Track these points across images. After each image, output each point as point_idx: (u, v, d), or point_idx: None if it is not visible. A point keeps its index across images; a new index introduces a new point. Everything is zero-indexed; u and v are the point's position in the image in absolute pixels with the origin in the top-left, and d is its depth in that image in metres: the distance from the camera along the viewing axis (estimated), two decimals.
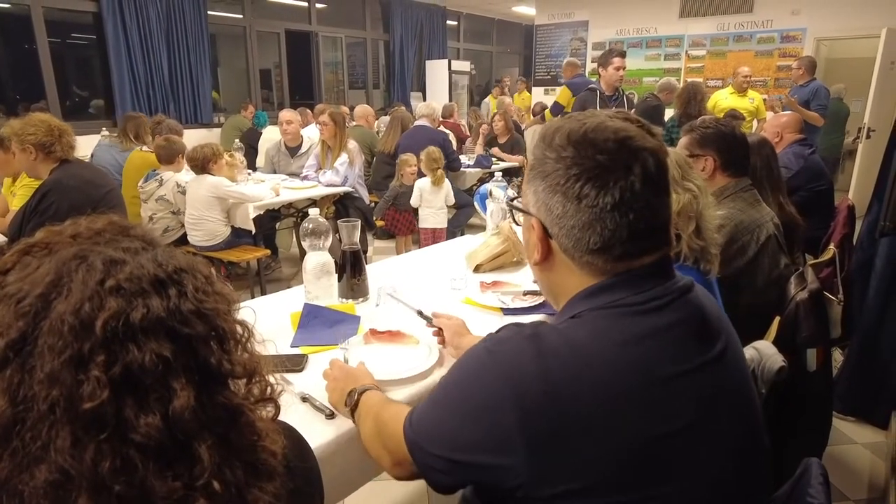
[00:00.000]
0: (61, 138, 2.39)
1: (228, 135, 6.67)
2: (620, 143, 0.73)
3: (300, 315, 1.54)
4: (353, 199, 4.01)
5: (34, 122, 2.36)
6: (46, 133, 2.35)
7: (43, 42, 5.91)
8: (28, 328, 0.48)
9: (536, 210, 0.79)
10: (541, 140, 0.79)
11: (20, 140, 2.35)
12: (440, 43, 10.18)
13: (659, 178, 0.74)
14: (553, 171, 0.75)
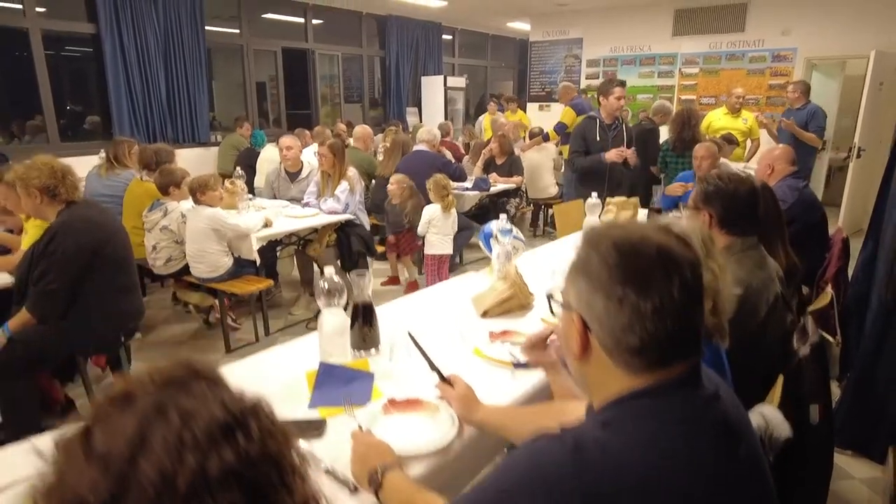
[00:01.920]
0: (65, 180, 2.40)
1: (226, 154, 6.68)
2: (662, 253, 0.79)
3: (316, 374, 1.57)
4: (354, 227, 4.04)
5: (37, 166, 2.38)
6: (50, 176, 2.36)
7: (41, 61, 5.92)
8: (117, 489, 0.52)
9: (578, 305, 0.84)
10: (587, 243, 0.84)
11: (24, 185, 2.36)
12: (435, 59, 10.25)
13: (695, 287, 0.80)
14: (597, 272, 0.80)
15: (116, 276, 2.54)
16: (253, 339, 3.71)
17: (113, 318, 2.59)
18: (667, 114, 5.44)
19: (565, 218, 4.06)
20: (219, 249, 3.40)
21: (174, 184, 3.56)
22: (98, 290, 2.46)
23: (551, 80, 9.34)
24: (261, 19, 8.02)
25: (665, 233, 0.82)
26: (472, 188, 5.14)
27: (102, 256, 2.44)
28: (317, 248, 3.91)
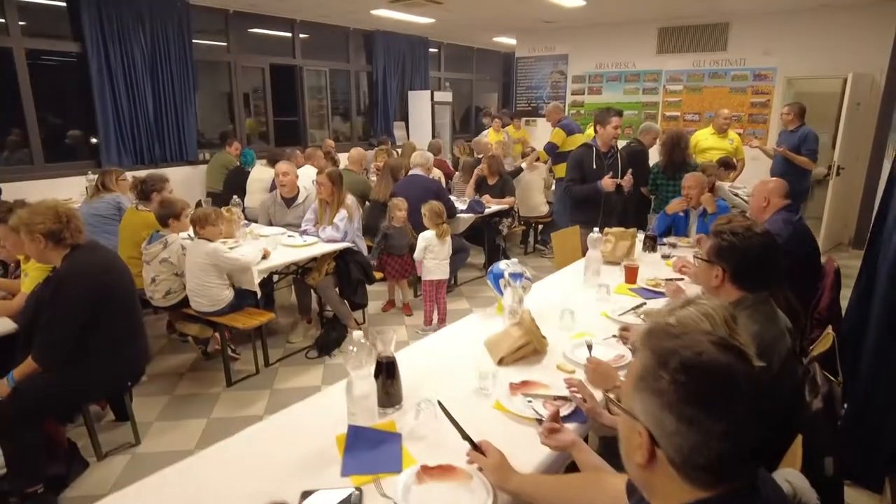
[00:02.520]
0: (69, 224, 2.38)
1: (215, 173, 6.62)
2: (732, 377, 0.83)
3: (345, 438, 1.58)
4: (353, 254, 4.04)
5: (41, 211, 2.35)
6: (54, 221, 2.34)
7: (25, 82, 5.82)
8: None
9: (645, 419, 0.87)
10: (654, 357, 0.87)
11: (28, 230, 2.33)
12: (422, 73, 10.28)
13: (760, 404, 0.84)
14: (667, 391, 0.84)
15: (122, 321, 2.52)
16: (253, 371, 3.69)
17: (119, 363, 2.57)
18: (653, 134, 5.52)
19: (562, 243, 4.11)
20: (219, 283, 3.38)
21: (174, 216, 3.53)
22: (104, 336, 2.43)
23: (537, 96, 9.44)
24: (248, 34, 7.97)
25: (728, 350, 0.86)
26: (467, 210, 5.18)
27: (108, 302, 2.42)
28: (316, 277, 3.90)
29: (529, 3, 7.00)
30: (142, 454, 2.87)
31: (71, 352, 2.36)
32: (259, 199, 5.91)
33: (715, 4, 6.94)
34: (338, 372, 3.71)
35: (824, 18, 6.84)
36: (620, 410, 0.94)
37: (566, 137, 6.17)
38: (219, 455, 1.60)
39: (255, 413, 3.22)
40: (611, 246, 3.43)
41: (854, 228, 6.94)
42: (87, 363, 2.41)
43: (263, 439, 1.66)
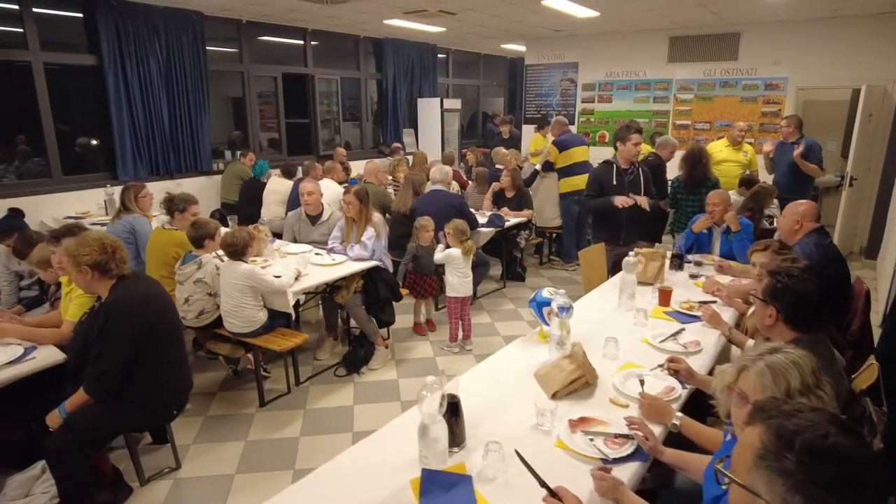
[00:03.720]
0: (114, 255, 2.40)
1: (229, 183, 6.64)
2: (857, 463, 0.87)
3: (419, 482, 1.61)
4: (380, 272, 4.06)
5: (87, 242, 2.37)
6: (100, 252, 2.36)
7: (43, 95, 5.82)
8: None
9: (771, 499, 0.91)
10: (775, 437, 0.91)
11: (76, 262, 2.35)
12: (431, 80, 10.30)
13: (881, 487, 0.88)
14: (794, 472, 0.88)
15: (167, 351, 2.55)
16: (284, 390, 3.72)
17: (165, 393, 2.59)
18: (671, 148, 5.56)
19: (589, 261, 4.13)
20: (254, 304, 3.40)
21: (209, 236, 3.55)
22: (151, 367, 2.46)
23: (547, 103, 9.46)
24: (259, 42, 7.98)
25: (848, 433, 0.89)
26: (487, 225, 5.20)
27: (155, 334, 2.44)
28: (344, 295, 3.93)
29: (541, 12, 7.02)
30: (184, 479, 2.89)
31: (121, 383, 2.38)
32: (275, 211, 5.96)
33: (726, 14, 6.98)
34: (367, 391, 3.74)
35: (836, 28, 6.87)
36: (739, 486, 0.97)
37: (559, 154, 6.12)
38: (293, 499, 1.63)
39: (291, 435, 3.24)
40: (641, 266, 3.46)
41: (866, 238, 6.99)
42: (135, 394, 2.43)
43: (334, 483, 1.69)
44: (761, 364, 1.31)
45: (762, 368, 1.31)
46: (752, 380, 1.32)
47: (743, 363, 1.38)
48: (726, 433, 1.62)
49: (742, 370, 1.37)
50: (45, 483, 2.45)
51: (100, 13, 5.96)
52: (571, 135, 6.48)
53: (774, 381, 1.28)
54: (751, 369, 1.34)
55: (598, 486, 1.57)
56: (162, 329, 2.50)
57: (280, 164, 6.78)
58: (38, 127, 5.90)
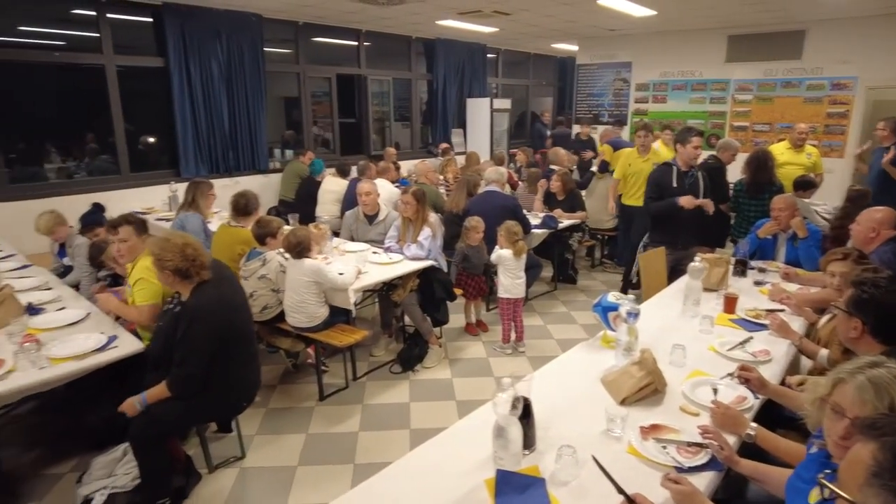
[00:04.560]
0: (194, 262, 2.51)
1: (288, 181, 6.82)
2: None
3: (494, 482, 1.63)
4: (435, 272, 4.11)
5: (170, 248, 2.48)
6: (182, 259, 2.47)
7: (115, 96, 6.12)
8: None
9: None
10: (891, 455, 0.88)
11: (160, 265, 2.49)
12: (481, 80, 10.31)
13: None
14: None
15: (241, 350, 2.65)
16: (343, 384, 3.80)
17: (237, 389, 2.70)
18: (733, 151, 5.40)
19: (649, 265, 4.07)
20: (317, 301, 3.50)
21: (271, 234, 3.67)
22: (226, 365, 2.57)
23: (598, 103, 9.35)
24: (313, 43, 8.14)
25: None
26: (540, 226, 5.18)
27: (232, 336, 2.56)
28: (401, 294, 3.99)
29: (596, 12, 6.95)
30: (249, 468, 3.00)
31: (202, 383, 2.50)
32: (330, 209, 6.09)
33: (790, 11, 6.74)
34: (423, 389, 3.79)
35: None
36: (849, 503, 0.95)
37: (613, 152, 6.16)
38: (368, 494, 1.67)
39: (350, 429, 3.32)
40: (704, 273, 3.39)
41: None
42: (211, 391, 2.54)
43: (408, 480, 1.72)
44: (862, 378, 1.28)
45: (863, 383, 1.27)
46: (851, 394, 1.29)
47: (839, 376, 1.34)
48: (811, 445, 1.58)
49: (838, 383, 1.34)
50: (126, 465, 2.58)
51: (167, 17, 6.21)
52: (619, 138, 6.58)
53: (877, 396, 1.24)
54: (849, 383, 1.30)
55: (675, 491, 1.55)
56: (238, 331, 2.61)
57: (333, 163, 6.92)
58: (109, 126, 6.21)
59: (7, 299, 2.92)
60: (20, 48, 5.78)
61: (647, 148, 5.52)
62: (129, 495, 2.52)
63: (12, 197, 5.52)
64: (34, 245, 4.77)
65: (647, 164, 5.24)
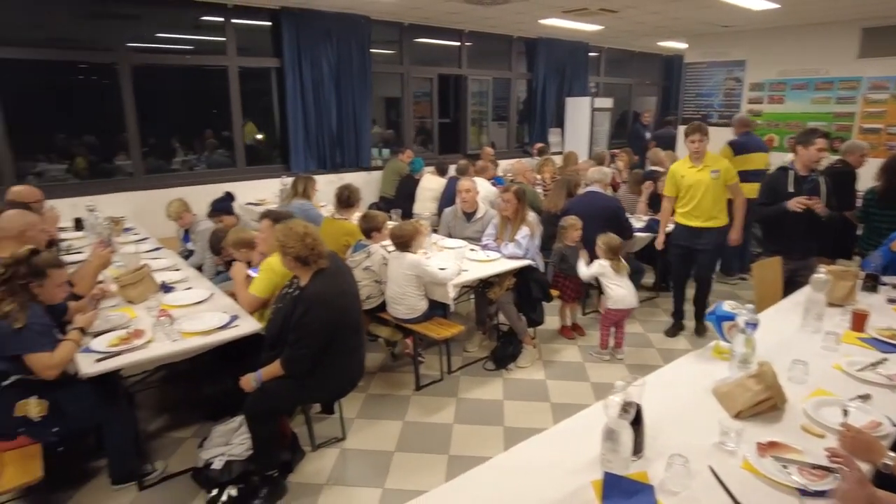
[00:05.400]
0: (314, 250, 2.67)
1: (389, 179, 7.04)
2: None
3: (601, 484, 1.61)
4: (532, 272, 4.09)
5: (292, 236, 2.65)
6: (303, 248, 2.63)
7: (236, 95, 6.60)
8: None
9: None
10: None
11: (283, 251, 2.66)
12: (581, 79, 10.11)
13: None
14: None
15: (351, 337, 2.79)
16: (437, 377, 3.89)
17: (344, 374, 2.85)
18: (861, 153, 4.93)
19: (763, 274, 3.82)
20: (417, 294, 3.60)
21: (376, 229, 3.83)
22: (336, 351, 2.71)
23: (707, 104, 8.87)
24: (416, 44, 8.33)
25: None
26: (644, 230, 5.01)
27: (344, 322, 2.69)
28: (497, 292, 4.01)
29: (710, 7, 6.59)
30: (349, 450, 3.14)
31: (312, 364, 2.65)
32: (427, 206, 6.22)
33: None
34: (516, 388, 3.79)
35: None
36: None
37: (734, 156, 5.63)
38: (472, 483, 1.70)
39: (445, 421, 3.39)
40: (828, 285, 3.13)
41: None
42: (320, 374, 2.70)
43: (513, 475, 1.74)
44: None
45: None
46: None
47: None
48: None
49: None
50: (241, 435, 2.79)
51: (284, 21, 6.61)
52: (751, 137, 5.96)
53: None
54: None
55: None
56: (350, 319, 2.76)
57: (432, 161, 7.07)
58: (228, 123, 6.70)
59: (146, 277, 3.25)
60: (157, 53, 6.39)
61: (702, 154, 4.27)
62: (244, 463, 2.72)
63: (145, 186, 6.11)
64: (163, 230, 5.24)
65: (703, 175, 4.25)
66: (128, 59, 5.88)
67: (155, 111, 6.62)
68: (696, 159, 4.29)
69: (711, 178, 4.23)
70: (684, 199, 4.39)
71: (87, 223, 5.00)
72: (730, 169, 4.30)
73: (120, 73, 5.86)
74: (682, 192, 4.39)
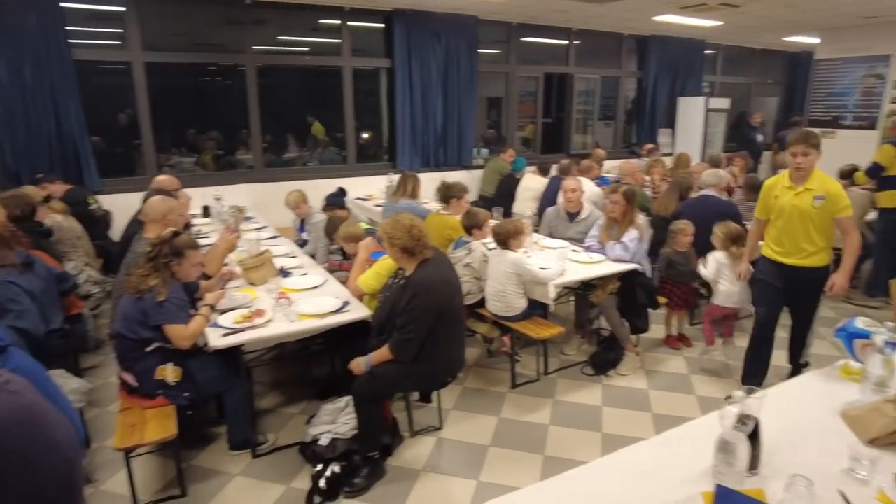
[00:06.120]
0: (419, 242, 2.75)
1: (489, 178, 7.08)
2: None
3: (712, 496, 1.54)
4: (638, 276, 3.96)
5: (400, 228, 2.74)
6: (409, 239, 2.73)
7: (349, 94, 6.93)
8: None
9: None
10: None
11: (390, 242, 2.76)
12: (696, 78, 9.61)
13: None
14: None
15: (453, 328, 2.85)
16: (534, 377, 3.87)
17: (446, 364, 2.91)
18: None
19: None
20: (517, 292, 3.60)
21: (478, 226, 3.87)
22: (439, 340, 2.77)
23: (840, 104, 8.11)
24: (522, 43, 8.30)
25: None
26: None
27: (447, 312, 2.76)
28: (599, 295, 3.92)
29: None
30: (445, 439, 3.21)
31: (417, 350, 2.74)
32: (527, 206, 6.19)
33: None
34: (616, 395, 3.69)
35: None
36: None
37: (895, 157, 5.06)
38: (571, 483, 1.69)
39: (541, 421, 3.37)
40: None
41: None
42: (425, 361, 2.78)
43: (620, 476, 1.70)
44: None
45: None
46: None
47: None
48: None
49: None
50: (347, 415, 2.94)
51: (396, 22, 6.84)
52: None
53: None
54: None
55: None
56: (452, 309, 2.82)
57: (535, 161, 7.03)
58: (341, 121, 7.05)
59: (267, 262, 3.51)
60: (278, 54, 6.85)
61: (807, 173, 3.16)
62: (348, 442, 2.86)
63: (264, 179, 6.58)
64: (279, 220, 5.61)
65: (803, 200, 3.18)
66: (253, 60, 6.35)
67: (271, 110, 7.12)
68: (797, 178, 3.21)
69: (813, 206, 3.15)
70: (773, 225, 3.40)
71: (214, 211, 5.48)
72: (841, 197, 3.15)
73: (246, 74, 6.34)
74: (772, 215, 3.39)
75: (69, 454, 1.61)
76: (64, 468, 1.57)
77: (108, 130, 6.46)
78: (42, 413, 1.63)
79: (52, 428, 1.67)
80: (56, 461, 1.58)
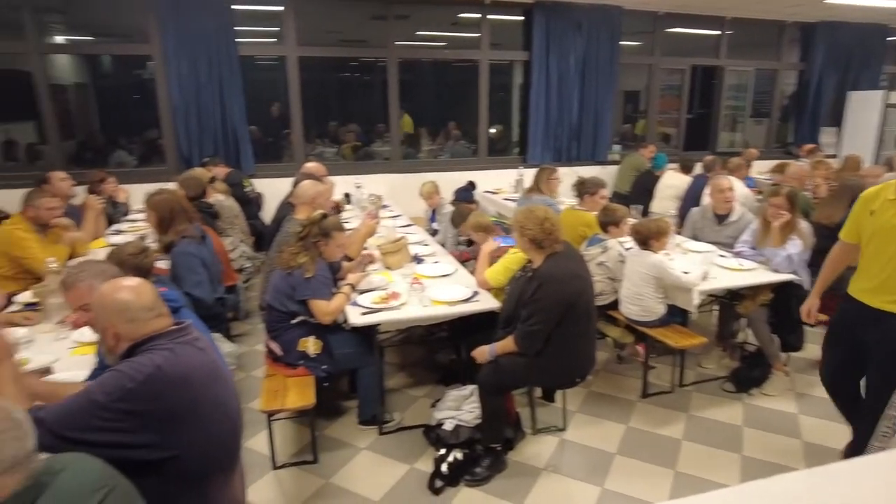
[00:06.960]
0: (550, 235, 2.67)
1: (625, 174, 6.77)
2: None
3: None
4: (795, 288, 3.56)
5: (532, 219, 2.68)
6: (540, 231, 2.66)
7: (484, 88, 6.96)
8: None
9: None
10: None
11: (521, 232, 2.72)
12: (873, 70, 8.47)
13: None
14: None
15: (582, 324, 2.74)
16: (667, 388, 3.64)
17: (574, 360, 2.81)
18: None
19: None
20: (655, 296, 3.40)
21: (614, 223, 3.70)
22: (566, 333, 2.68)
23: None
24: (667, 34, 7.80)
25: None
26: None
27: (575, 306, 2.65)
28: (748, 306, 3.58)
29: None
30: (568, 441, 3.11)
31: (543, 343, 2.67)
32: (667, 205, 5.82)
33: None
34: (759, 416, 3.35)
35: None
36: None
37: None
38: None
39: (673, 435, 3.15)
40: None
41: None
42: (552, 356, 2.70)
43: None
44: None
45: None
46: None
47: None
48: None
49: None
50: (471, 404, 2.95)
51: (536, 14, 6.73)
52: None
53: None
54: None
55: None
56: (582, 303, 2.71)
57: (675, 158, 6.60)
58: (475, 115, 7.11)
59: (403, 248, 3.62)
60: (417, 49, 7.05)
61: None
62: (471, 430, 2.87)
63: (399, 170, 6.82)
64: (412, 209, 5.78)
65: None
66: (395, 54, 6.58)
67: (406, 103, 7.35)
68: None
69: None
70: (865, 253, 2.49)
71: (354, 198, 5.78)
72: None
73: (388, 68, 6.59)
74: (864, 240, 2.49)
75: (238, 408, 1.77)
76: (236, 417, 1.73)
77: (261, 120, 7.07)
78: (221, 369, 1.80)
79: (228, 383, 1.83)
80: (230, 411, 1.73)
